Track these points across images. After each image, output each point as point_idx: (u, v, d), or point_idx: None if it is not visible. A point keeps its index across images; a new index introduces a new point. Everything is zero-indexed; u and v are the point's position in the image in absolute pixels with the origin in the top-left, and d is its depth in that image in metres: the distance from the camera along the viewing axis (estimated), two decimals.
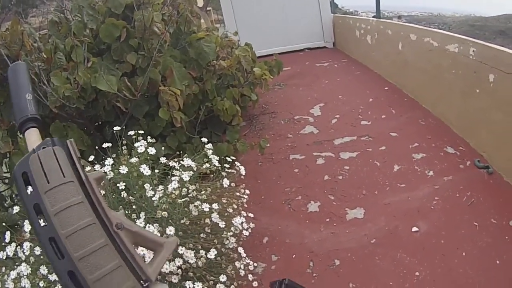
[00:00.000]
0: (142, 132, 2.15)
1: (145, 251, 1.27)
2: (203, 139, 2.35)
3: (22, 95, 0.54)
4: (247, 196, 2.44)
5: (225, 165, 2.29)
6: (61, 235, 0.41)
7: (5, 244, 1.82)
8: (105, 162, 1.97)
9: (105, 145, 2.13)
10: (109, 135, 2.98)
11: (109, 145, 2.12)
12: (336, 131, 4.65)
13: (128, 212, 1.79)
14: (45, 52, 2.89)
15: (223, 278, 1.86)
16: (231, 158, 2.40)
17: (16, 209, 1.91)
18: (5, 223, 1.93)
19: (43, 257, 1.73)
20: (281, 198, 3.51)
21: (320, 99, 5.79)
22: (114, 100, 2.97)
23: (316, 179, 3.72)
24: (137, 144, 2.03)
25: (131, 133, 2.13)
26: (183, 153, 2.40)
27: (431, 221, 2.96)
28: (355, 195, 3.40)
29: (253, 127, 5.17)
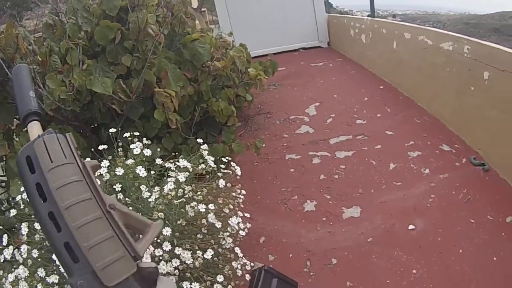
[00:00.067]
0: (137, 133, 2.15)
1: None
2: (199, 140, 2.35)
3: (25, 92, 0.59)
4: (243, 196, 2.44)
5: (220, 166, 2.30)
6: (60, 207, 0.45)
7: (2, 247, 1.82)
8: (101, 164, 1.97)
9: (101, 147, 2.13)
10: (105, 137, 2.98)
11: (105, 147, 2.12)
12: (331, 131, 4.66)
13: None
14: (40, 55, 2.89)
15: (220, 278, 1.86)
16: (227, 158, 2.40)
17: (13, 212, 1.90)
18: (2, 226, 1.93)
19: (40, 259, 1.74)
20: (277, 198, 3.52)
21: (315, 98, 5.81)
22: (109, 102, 2.97)
23: (312, 178, 3.73)
24: (132, 145, 2.03)
25: (127, 135, 2.13)
26: (179, 154, 2.41)
27: (428, 219, 2.97)
28: (351, 194, 3.41)
29: (249, 127, 5.17)
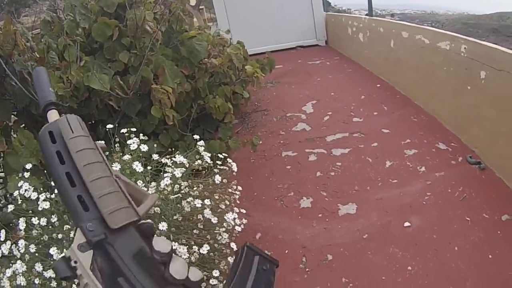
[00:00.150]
0: (134, 129, 2.16)
1: None
2: (195, 136, 2.36)
3: (45, 87, 0.67)
4: (240, 192, 2.45)
5: (217, 162, 2.31)
6: (78, 166, 0.53)
7: (0, 242, 1.83)
8: None
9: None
10: (102, 134, 2.98)
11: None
12: (328, 128, 4.68)
13: None
14: (38, 51, 2.88)
15: (216, 273, 1.87)
16: (223, 155, 2.41)
17: (11, 208, 1.91)
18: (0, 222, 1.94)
19: (38, 254, 1.75)
20: (273, 194, 3.54)
21: (312, 96, 5.83)
22: (106, 98, 2.97)
23: (308, 175, 3.75)
24: (129, 141, 2.04)
25: (124, 130, 2.14)
26: (176, 150, 2.42)
27: (423, 216, 2.99)
28: (347, 191, 3.42)
29: (246, 124, 5.19)
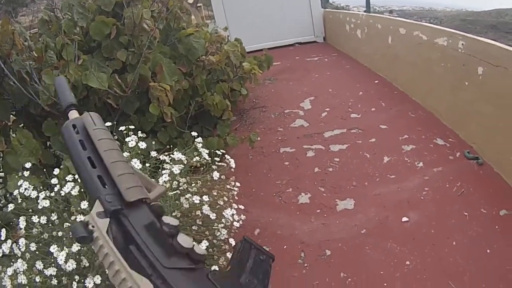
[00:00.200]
0: (133, 127, 2.17)
1: None
2: (193, 133, 2.37)
3: (67, 92, 0.71)
4: (238, 188, 2.46)
5: (215, 159, 2.32)
6: (101, 152, 0.59)
7: (1, 241, 1.84)
8: None
9: None
10: None
11: None
12: (326, 124, 4.69)
13: None
14: (36, 51, 2.90)
15: (215, 269, 1.88)
16: (221, 151, 2.42)
17: (11, 207, 1.92)
18: (0, 221, 1.95)
19: (38, 252, 1.76)
20: (272, 190, 3.55)
21: (310, 93, 5.83)
22: (105, 97, 2.99)
23: (306, 171, 3.76)
24: (128, 139, 2.05)
25: (122, 128, 2.15)
26: (174, 147, 2.43)
27: (421, 211, 3.00)
28: (345, 187, 3.44)
29: (244, 121, 5.20)
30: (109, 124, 2.23)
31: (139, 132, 2.19)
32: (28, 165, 2.10)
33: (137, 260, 0.50)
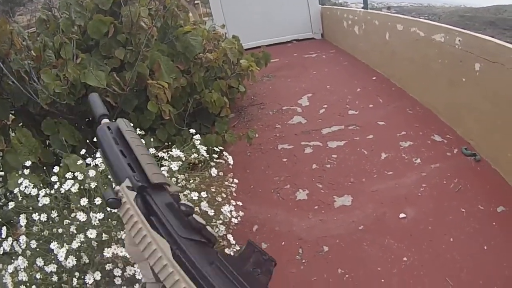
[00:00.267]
0: (131, 125, 2.18)
1: None
2: (192, 130, 2.38)
3: (100, 105, 0.80)
4: (236, 185, 2.48)
5: (213, 156, 2.34)
6: (132, 146, 0.67)
7: (1, 239, 1.86)
8: (96, 155, 2.01)
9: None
10: None
11: None
12: (323, 121, 4.70)
13: None
14: (34, 50, 2.90)
15: None
16: (219, 148, 2.44)
17: (11, 205, 1.94)
18: (0, 219, 1.97)
19: (39, 249, 1.78)
20: (270, 187, 3.56)
21: (308, 89, 5.83)
22: (103, 95, 2.99)
23: (304, 168, 3.78)
24: None
25: None
26: (172, 145, 2.44)
27: (419, 208, 3.01)
28: (343, 183, 3.45)
29: (242, 118, 5.21)
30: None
31: (138, 129, 2.20)
32: (28, 164, 2.12)
33: (157, 228, 0.56)
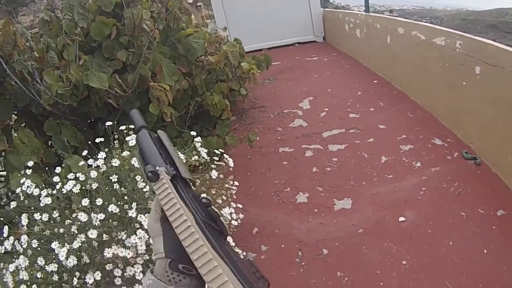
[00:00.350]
0: (132, 126, 2.18)
1: None
2: (193, 133, 2.39)
3: (139, 118, 0.89)
4: (236, 188, 2.49)
5: (214, 158, 2.35)
6: (169, 149, 0.78)
7: (3, 238, 1.87)
8: (98, 156, 2.02)
9: (98, 140, 2.17)
10: (101, 131, 3.02)
11: (102, 140, 2.16)
12: (324, 124, 4.71)
13: (120, 203, 1.85)
14: (37, 51, 2.91)
15: None
16: (220, 151, 2.45)
17: (13, 204, 1.95)
18: (2, 219, 1.98)
19: (40, 249, 1.79)
20: (270, 190, 3.57)
21: (309, 92, 5.84)
22: (105, 96, 3.00)
23: (304, 171, 3.78)
24: (128, 138, 2.08)
25: (123, 127, 2.18)
26: (174, 146, 2.45)
27: (418, 211, 3.01)
28: (343, 186, 3.45)
29: (243, 121, 5.22)
30: (109, 123, 2.27)
31: None
32: (30, 164, 2.13)
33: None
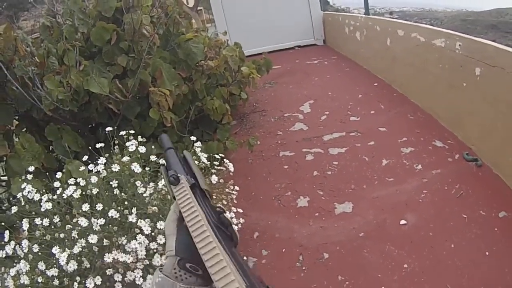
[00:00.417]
0: (133, 132, 2.19)
1: None
2: (192, 137, 2.40)
3: (168, 141, 0.95)
4: (237, 192, 2.49)
5: (214, 163, 2.35)
6: (193, 167, 0.84)
7: (4, 243, 1.88)
8: (98, 161, 2.03)
9: (98, 145, 2.17)
10: (102, 136, 3.02)
11: (102, 145, 2.16)
12: (325, 128, 4.71)
13: (120, 208, 1.86)
14: (38, 56, 2.92)
15: None
16: (220, 155, 2.45)
17: (14, 209, 1.96)
18: (3, 224, 1.99)
19: (41, 253, 1.80)
20: (271, 194, 3.56)
21: (309, 96, 5.85)
22: (106, 102, 3.01)
23: (305, 175, 3.78)
24: (128, 143, 2.08)
25: (123, 133, 2.18)
26: None
27: (420, 214, 3.00)
28: (344, 190, 3.45)
29: (244, 125, 5.22)
30: (110, 128, 2.27)
31: (139, 136, 2.21)
32: (31, 169, 2.15)
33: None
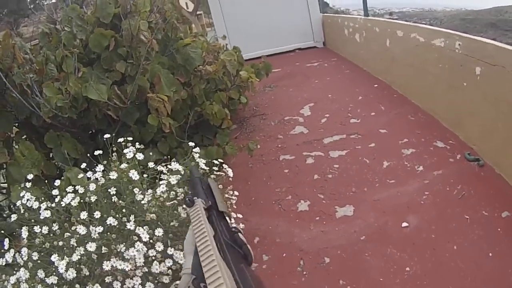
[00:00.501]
0: (131, 138, 2.19)
1: None
2: (191, 143, 2.39)
3: (197, 171, 1.03)
4: (237, 197, 2.48)
5: (213, 168, 2.35)
6: (214, 191, 0.90)
7: (4, 251, 1.88)
8: (96, 169, 2.03)
9: (97, 152, 2.17)
10: (101, 143, 3.02)
11: (100, 152, 2.16)
12: (325, 130, 4.70)
13: (119, 215, 1.85)
14: (36, 63, 2.92)
15: None
16: (219, 160, 2.45)
17: (14, 217, 1.96)
18: (3, 231, 1.99)
19: (40, 261, 1.79)
20: (271, 198, 3.55)
21: (310, 99, 5.85)
22: (105, 108, 3.01)
23: (306, 178, 3.77)
24: (126, 150, 2.08)
25: (121, 140, 2.18)
26: (173, 157, 2.46)
27: (421, 216, 2.98)
28: (345, 193, 3.43)
29: (244, 129, 5.22)
30: (107, 136, 2.27)
31: (137, 143, 2.21)
32: (30, 176, 2.14)
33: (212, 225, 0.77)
